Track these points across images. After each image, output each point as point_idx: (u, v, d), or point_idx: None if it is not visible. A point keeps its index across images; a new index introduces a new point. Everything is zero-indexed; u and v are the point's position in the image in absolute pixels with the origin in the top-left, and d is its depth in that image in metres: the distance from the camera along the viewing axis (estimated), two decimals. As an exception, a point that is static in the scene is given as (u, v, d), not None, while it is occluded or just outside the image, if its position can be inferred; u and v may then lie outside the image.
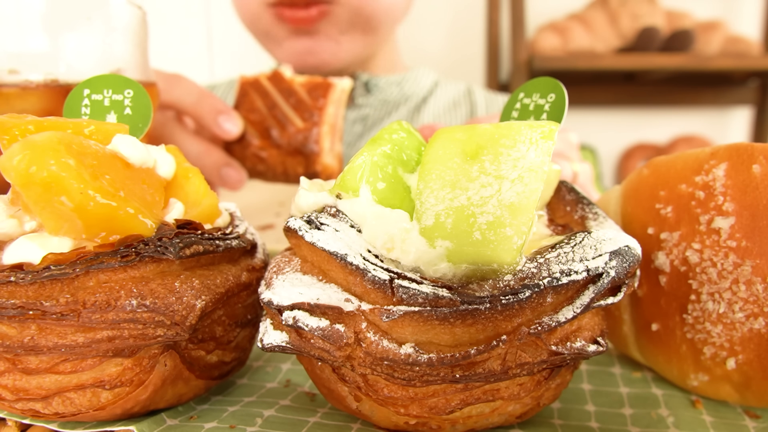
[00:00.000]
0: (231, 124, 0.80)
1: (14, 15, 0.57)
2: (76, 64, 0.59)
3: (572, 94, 0.50)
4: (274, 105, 0.81)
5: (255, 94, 0.82)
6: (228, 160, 0.83)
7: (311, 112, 0.80)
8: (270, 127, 0.80)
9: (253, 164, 0.83)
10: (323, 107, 0.80)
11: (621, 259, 0.37)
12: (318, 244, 0.36)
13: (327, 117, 0.80)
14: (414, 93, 1.35)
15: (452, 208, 0.36)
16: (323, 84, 0.81)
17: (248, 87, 0.82)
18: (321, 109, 0.80)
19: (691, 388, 0.47)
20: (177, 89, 0.81)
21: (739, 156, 0.43)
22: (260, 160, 0.82)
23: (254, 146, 0.82)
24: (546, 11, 2.64)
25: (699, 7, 2.62)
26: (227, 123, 0.80)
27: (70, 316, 0.36)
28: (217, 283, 0.42)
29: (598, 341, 0.38)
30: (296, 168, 0.82)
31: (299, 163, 0.81)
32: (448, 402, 0.37)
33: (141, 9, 0.66)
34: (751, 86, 2.75)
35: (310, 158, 0.80)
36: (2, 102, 0.57)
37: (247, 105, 0.82)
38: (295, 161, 0.81)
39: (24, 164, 0.35)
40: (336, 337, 0.35)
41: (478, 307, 0.33)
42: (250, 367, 0.54)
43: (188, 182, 0.46)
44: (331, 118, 0.81)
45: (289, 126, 0.80)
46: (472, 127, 0.40)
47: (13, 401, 0.39)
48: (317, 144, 0.79)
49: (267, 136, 0.81)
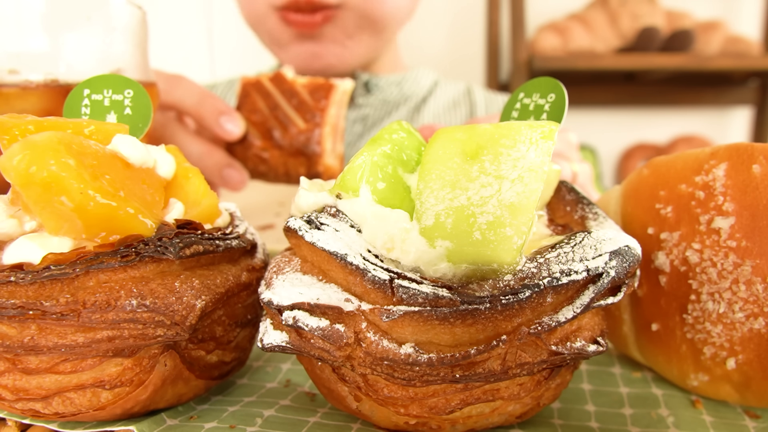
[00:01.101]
0: (233, 125, 0.80)
1: (14, 15, 0.57)
2: (76, 64, 0.59)
3: (572, 94, 0.50)
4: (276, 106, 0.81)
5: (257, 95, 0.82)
6: (230, 160, 0.83)
7: (313, 113, 0.80)
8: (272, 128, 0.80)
9: (255, 165, 0.83)
10: (325, 108, 0.80)
11: (621, 259, 0.37)
12: (318, 244, 0.36)
13: (329, 118, 0.80)
14: (414, 93, 1.35)
15: (452, 208, 0.36)
16: (325, 85, 0.81)
17: (250, 88, 0.82)
18: (323, 110, 0.80)
19: (691, 388, 0.47)
20: (178, 90, 0.81)
21: (739, 156, 0.43)
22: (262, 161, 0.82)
23: (256, 147, 0.81)
24: (546, 11, 2.64)
25: (699, 7, 2.62)
26: (229, 124, 0.79)
27: (70, 316, 0.36)
28: (217, 283, 0.42)
29: (598, 341, 0.38)
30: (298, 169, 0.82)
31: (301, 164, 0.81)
32: (448, 402, 0.37)
33: (141, 9, 0.66)
34: (751, 86, 2.75)
35: (312, 159, 0.80)
36: (2, 102, 0.57)
37: (249, 106, 0.82)
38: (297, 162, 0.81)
39: (24, 164, 0.35)
40: (336, 337, 0.35)
41: (478, 307, 0.33)
42: (250, 367, 0.54)
43: (188, 182, 0.46)
44: (333, 119, 0.81)
45: (291, 127, 0.80)
46: (472, 127, 0.40)
47: (13, 401, 0.39)
48: (319, 145, 0.79)
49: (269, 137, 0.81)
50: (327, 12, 1.06)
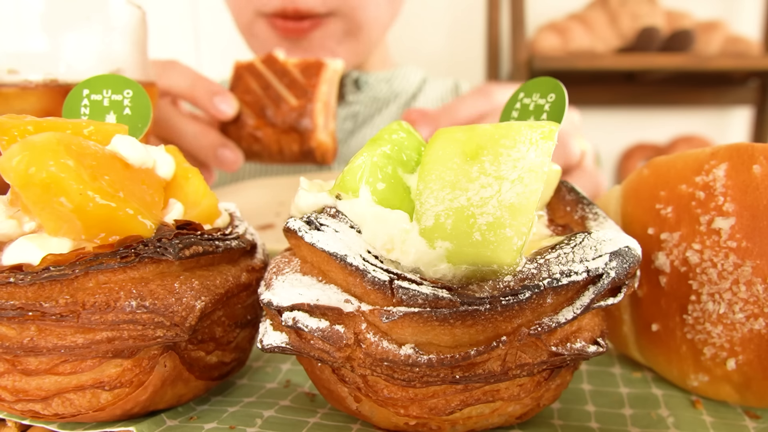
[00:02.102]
0: (226, 105, 0.82)
1: (14, 15, 0.57)
2: (75, 64, 0.59)
3: (572, 94, 0.50)
4: (268, 85, 0.83)
5: (249, 77, 0.84)
6: (224, 141, 0.85)
7: (305, 90, 0.82)
8: (265, 106, 0.83)
9: (249, 144, 0.85)
10: (316, 85, 0.82)
11: (621, 259, 0.37)
12: (318, 244, 0.36)
13: (320, 95, 0.83)
14: (403, 90, 1.38)
15: (452, 208, 0.36)
16: (315, 63, 0.84)
17: (242, 70, 0.85)
18: (314, 86, 0.82)
19: (691, 388, 0.47)
20: (172, 74, 0.83)
21: (740, 156, 0.43)
22: (256, 139, 0.84)
23: (249, 126, 0.84)
24: (546, 11, 2.64)
25: (699, 7, 2.62)
26: (222, 104, 0.82)
27: (70, 317, 0.36)
28: (217, 284, 0.42)
29: (598, 342, 0.38)
30: (291, 145, 0.84)
31: (294, 140, 0.83)
32: (448, 403, 0.37)
33: (140, 9, 0.66)
34: (751, 86, 2.75)
35: (304, 135, 0.82)
36: (1, 102, 0.57)
37: (242, 87, 0.84)
38: (290, 138, 0.83)
39: (23, 165, 0.35)
40: (336, 338, 0.35)
41: (477, 308, 0.33)
42: (249, 367, 0.54)
43: (188, 183, 0.45)
44: (325, 96, 0.84)
45: (283, 104, 0.82)
46: (472, 127, 0.40)
47: (13, 402, 0.39)
48: (311, 120, 0.82)
49: (262, 115, 0.83)
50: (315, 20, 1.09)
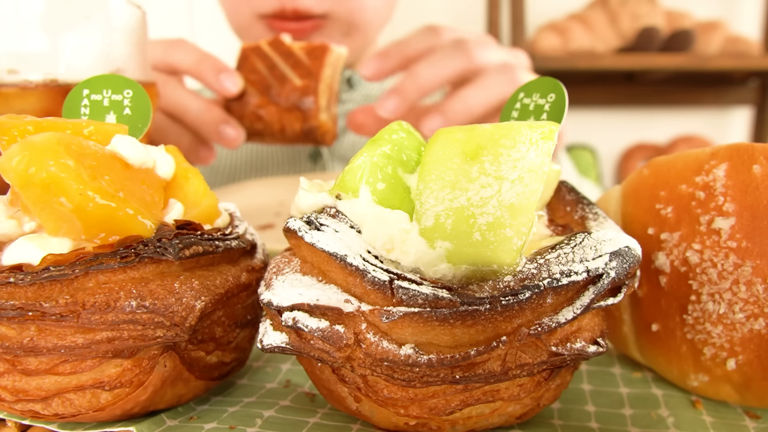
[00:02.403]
0: (231, 82, 0.83)
1: (14, 15, 0.57)
2: (75, 64, 0.59)
3: (572, 94, 0.50)
4: (273, 66, 0.85)
5: (255, 58, 0.86)
6: (226, 117, 0.86)
7: (309, 70, 0.84)
8: (269, 85, 0.85)
9: (252, 122, 0.87)
10: (320, 67, 0.85)
11: (621, 259, 0.37)
12: (318, 245, 0.36)
13: (324, 77, 0.85)
14: None
15: (452, 208, 0.36)
16: (321, 47, 0.86)
17: (249, 52, 0.87)
18: (318, 68, 0.84)
19: (691, 388, 0.47)
20: (179, 51, 0.85)
21: (740, 156, 0.43)
22: (258, 118, 0.86)
23: (253, 104, 0.85)
24: (546, 11, 2.64)
25: (699, 7, 2.62)
26: (228, 81, 0.83)
27: (70, 317, 0.36)
28: (217, 284, 0.42)
29: (598, 342, 0.38)
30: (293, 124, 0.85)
31: (297, 119, 0.85)
32: (448, 403, 0.37)
33: (140, 8, 0.66)
34: (751, 86, 2.75)
35: (306, 114, 0.84)
36: (1, 102, 0.56)
37: (248, 67, 0.86)
38: (293, 117, 0.85)
39: (23, 165, 0.35)
40: (336, 338, 0.35)
41: (477, 308, 0.33)
42: (249, 367, 0.54)
43: (188, 183, 0.45)
44: (328, 79, 0.86)
45: (287, 84, 0.84)
46: (472, 127, 0.40)
47: (13, 402, 0.39)
48: (314, 100, 0.83)
49: (266, 94, 0.85)
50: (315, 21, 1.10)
